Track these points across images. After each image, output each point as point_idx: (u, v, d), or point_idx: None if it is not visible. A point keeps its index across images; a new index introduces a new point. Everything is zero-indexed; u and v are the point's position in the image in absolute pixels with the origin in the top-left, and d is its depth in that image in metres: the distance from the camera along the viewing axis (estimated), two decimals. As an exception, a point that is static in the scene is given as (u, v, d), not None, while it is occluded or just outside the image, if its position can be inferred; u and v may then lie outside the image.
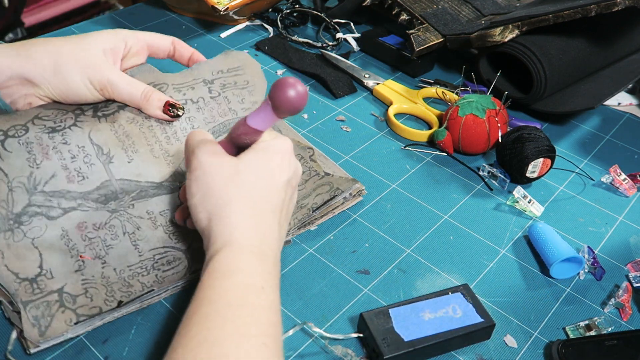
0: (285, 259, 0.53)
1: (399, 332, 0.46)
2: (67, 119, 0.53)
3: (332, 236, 0.57)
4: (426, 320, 0.47)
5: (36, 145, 0.51)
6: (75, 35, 0.54)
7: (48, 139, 0.52)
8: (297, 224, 0.55)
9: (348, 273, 0.54)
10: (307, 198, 0.56)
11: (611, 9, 0.66)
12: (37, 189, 0.50)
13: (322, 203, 0.56)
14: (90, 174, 0.52)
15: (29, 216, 0.48)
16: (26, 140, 0.51)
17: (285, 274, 0.53)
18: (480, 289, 0.53)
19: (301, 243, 0.56)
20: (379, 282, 0.53)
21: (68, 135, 0.53)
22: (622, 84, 0.76)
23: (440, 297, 0.49)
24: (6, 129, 0.51)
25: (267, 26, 0.88)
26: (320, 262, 0.54)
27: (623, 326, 0.51)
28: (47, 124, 0.53)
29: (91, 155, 0.52)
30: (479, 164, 0.67)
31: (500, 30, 0.72)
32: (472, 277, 0.54)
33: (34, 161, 0.51)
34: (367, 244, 0.57)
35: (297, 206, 0.55)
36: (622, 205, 0.64)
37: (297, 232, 0.56)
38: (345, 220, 0.59)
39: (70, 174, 0.51)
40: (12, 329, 0.45)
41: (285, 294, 0.51)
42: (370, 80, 0.78)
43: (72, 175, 0.51)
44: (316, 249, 0.55)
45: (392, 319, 0.47)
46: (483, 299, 0.52)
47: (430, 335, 0.46)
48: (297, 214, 0.55)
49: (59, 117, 0.53)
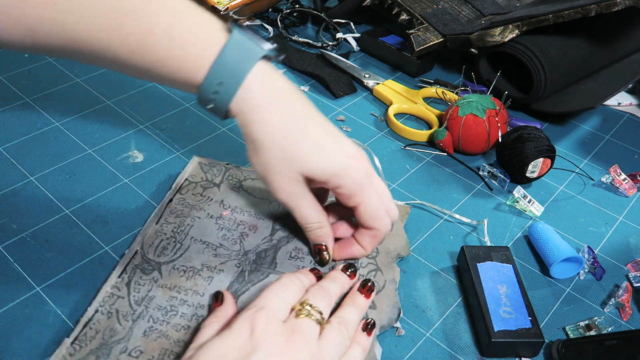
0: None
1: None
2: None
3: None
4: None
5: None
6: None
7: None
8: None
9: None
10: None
11: (611, 9, 0.66)
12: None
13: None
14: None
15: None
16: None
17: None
18: (480, 288, 0.53)
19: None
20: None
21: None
22: (622, 84, 0.76)
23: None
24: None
25: (267, 26, 0.88)
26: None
27: (623, 326, 0.51)
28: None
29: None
30: (479, 164, 0.67)
31: (500, 30, 0.72)
32: (472, 277, 0.54)
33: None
34: (367, 243, 0.56)
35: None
36: (622, 205, 0.64)
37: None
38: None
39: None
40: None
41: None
42: (370, 80, 0.78)
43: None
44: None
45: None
46: (483, 299, 0.52)
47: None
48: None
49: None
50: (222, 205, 0.55)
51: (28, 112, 0.68)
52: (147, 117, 0.69)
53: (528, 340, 0.46)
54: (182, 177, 0.58)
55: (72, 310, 0.47)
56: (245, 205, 0.56)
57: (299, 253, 0.52)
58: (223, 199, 0.56)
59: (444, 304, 0.52)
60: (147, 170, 0.62)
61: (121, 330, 0.45)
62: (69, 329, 0.46)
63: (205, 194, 0.56)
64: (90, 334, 0.44)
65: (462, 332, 0.49)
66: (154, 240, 0.52)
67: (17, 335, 0.45)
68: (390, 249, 0.53)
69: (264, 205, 0.56)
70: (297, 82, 0.78)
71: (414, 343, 0.48)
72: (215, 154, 0.64)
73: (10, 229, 0.54)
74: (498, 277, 0.51)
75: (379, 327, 0.47)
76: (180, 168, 0.62)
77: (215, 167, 0.59)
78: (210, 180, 0.58)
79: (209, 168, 0.59)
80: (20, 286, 0.49)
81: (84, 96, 0.71)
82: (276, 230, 0.54)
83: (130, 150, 0.64)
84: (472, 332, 0.50)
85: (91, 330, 0.44)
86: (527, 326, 0.47)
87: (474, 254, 0.53)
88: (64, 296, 0.48)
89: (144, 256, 0.50)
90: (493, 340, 0.46)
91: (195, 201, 0.55)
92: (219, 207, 0.55)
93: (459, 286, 0.53)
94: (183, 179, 0.58)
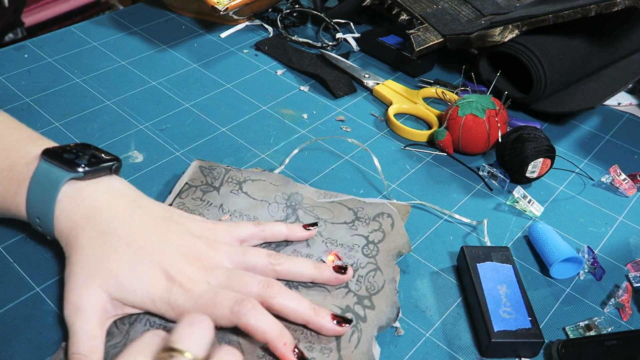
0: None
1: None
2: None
3: (332, 236, 0.57)
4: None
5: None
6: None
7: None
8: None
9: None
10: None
11: (611, 9, 0.66)
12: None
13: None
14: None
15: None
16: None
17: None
18: (480, 289, 0.53)
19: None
20: (378, 282, 0.53)
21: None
22: (622, 84, 0.76)
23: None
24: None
25: (267, 26, 0.88)
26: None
27: (623, 326, 0.51)
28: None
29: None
30: (478, 164, 0.67)
31: (500, 30, 0.72)
32: (472, 277, 0.54)
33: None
34: (367, 244, 0.56)
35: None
36: (622, 205, 0.64)
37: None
38: (345, 220, 0.58)
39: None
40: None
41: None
42: (370, 80, 0.78)
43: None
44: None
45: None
46: (483, 299, 0.52)
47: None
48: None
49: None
50: (221, 210, 0.55)
51: (28, 112, 0.68)
52: (147, 117, 0.69)
53: (528, 341, 0.46)
54: (182, 181, 0.58)
55: (72, 311, 0.47)
56: (245, 209, 0.56)
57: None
58: (222, 203, 0.56)
59: (444, 304, 0.52)
60: (147, 170, 0.62)
61: (118, 333, 0.44)
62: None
63: (204, 199, 0.56)
64: None
65: (461, 333, 0.49)
66: None
67: (16, 336, 0.45)
68: (391, 247, 0.53)
69: (263, 208, 0.56)
70: (297, 82, 0.78)
71: (413, 343, 0.48)
72: (215, 154, 0.65)
73: (10, 229, 0.54)
74: (498, 277, 0.51)
75: (378, 328, 0.47)
76: (180, 168, 0.62)
77: (215, 170, 0.59)
78: (210, 183, 0.58)
79: (209, 171, 0.59)
80: (20, 286, 0.49)
81: (84, 96, 0.71)
82: None
83: (130, 150, 0.64)
84: (472, 332, 0.50)
85: None
86: (527, 326, 0.47)
87: (474, 254, 0.53)
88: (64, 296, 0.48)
89: None
90: (493, 341, 0.46)
91: (194, 206, 0.55)
92: (218, 212, 0.55)
93: (459, 286, 0.53)
94: (183, 182, 0.58)
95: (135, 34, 0.85)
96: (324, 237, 0.54)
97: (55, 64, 0.76)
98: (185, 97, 0.73)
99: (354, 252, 0.53)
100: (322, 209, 0.56)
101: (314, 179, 0.63)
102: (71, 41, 0.82)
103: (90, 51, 0.80)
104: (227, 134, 0.68)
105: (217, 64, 0.80)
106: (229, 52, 0.83)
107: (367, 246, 0.53)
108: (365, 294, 0.49)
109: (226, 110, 0.72)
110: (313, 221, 0.55)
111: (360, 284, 0.50)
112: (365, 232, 0.54)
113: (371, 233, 0.54)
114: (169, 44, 0.83)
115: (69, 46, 0.80)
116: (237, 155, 0.65)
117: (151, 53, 0.81)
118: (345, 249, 0.53)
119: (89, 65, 0.77)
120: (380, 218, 0.55)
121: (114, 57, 0.79)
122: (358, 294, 0.49)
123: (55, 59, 0.77)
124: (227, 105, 0.73)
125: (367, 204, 0.57)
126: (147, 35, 0.85)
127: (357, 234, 0.54)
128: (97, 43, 0.82)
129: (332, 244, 0.53)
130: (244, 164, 0.64)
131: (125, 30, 0.85)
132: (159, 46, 0.83)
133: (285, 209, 0.56)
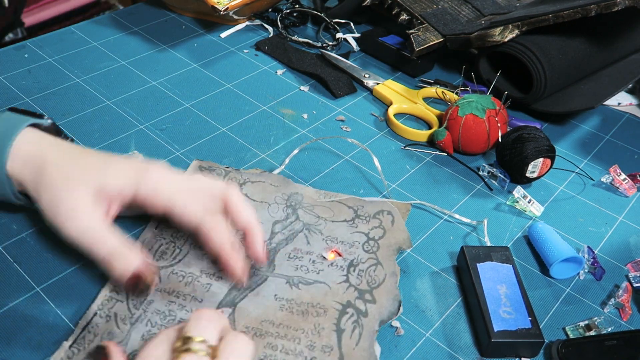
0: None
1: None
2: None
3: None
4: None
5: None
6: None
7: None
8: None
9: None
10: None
11: (611, 9, 0.66)
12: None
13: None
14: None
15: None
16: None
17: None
18: (480, 289, 0.53)
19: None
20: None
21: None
22: (622, 84, 0.76)
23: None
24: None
25: (267, 26, 0.88)
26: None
27: (623, 326, 0.51)
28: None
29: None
30: (478, 164, 0.67)
31: (500, 30, 0.72)
32: (472, 277, 0.54)
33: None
34: (367, 244, 0.56)
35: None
36: (622, 205, 0.64)
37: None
38: (345, 220, 0.58)
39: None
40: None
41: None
42: (370, 80, 0.78)
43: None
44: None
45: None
46: (483, 299, 0.52)
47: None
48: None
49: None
50: None
51: (28, 112, 0.68)
52: (147, 117, 0.69)
53: (528, 341, 0.46)
54: None
55: (72, 311, 0.47)
56: None
57: (297, 253, 0.52)
58: None
59: (444, 304, 0.52)
60: (147, 170, 0.62)
61: (119, 333, 0.44)
62: (69, 329, 0.46)
63: None
64: (89, 338, 0.44)
65: (461, 333, 0.49)
66: (153, 244, 0.52)
67: (16, 336, 0.45)
68: (391, 242, 0.53)
69: (263, 209, 0.56)
70: (297, 82, 0.78)
71: (413, 343, 0.48)
72: (215, 154, 0.65)
73: (10, 229, 0.54)
74: (498, 277, 0.51)
75: (379, 322, 0.47)
76: (180, 168, 0.62)
77: (215, 171, 0.59)
78: None
79: (209, 172, 0.59)
80: (20, 286, 0.49)
81: (84, 96, 0.71)
82: (275, 234, 0.54)
83: (130, 150, 0.64)
84: (471, 332, 0.50)
85: (89, 333, 0.44)
86: (527, 326, 0.47)
87: (474, 254, 0.53)
88: (64, 296, 0.48)
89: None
90: (493, 341, 0.46)
91: None
92: None
93: (459, 286, 0.53)
94: None
95: (135, 34, 0.85)
96: (325, 235, 0.54)
97: (55, 63, 0.76)
98: (185, 97, 0.73)
99: (354, 249, 0.53)
100: (322, 208, 0.56)
101: (314, 179, 0.63)
102: (71, 41, 0.82)
103: (90, 51, 0.80)
104: (227, 133, 0.68)
105: (217, 64, 0.80)
106: (229, 52, 0.83)
107: (367, 243, 0.53)
108: (366, 287, 0.49)
109: (226, 110, 0.72)
110: (313, 220, 0.55)
111: (361, 278, 0.50)
112: (366, 230, 0.54)
113: (371, 230, 0.54)
114: (169, 44, 0.83)
115: (69, 46, 0.80)
116: (237, 155, 0.65)
117: (151, 53, 0.81)
118: (346, 246, 0.53)
119: (89, 65, 0.77)
120: (380, 215, 0.56)
121: (114, 57, 0.79)
122: (359, 288, 0.49)
123: (56, 58, 0.77)
124: (227, 105, 0.73)
125: (367, 202, 0.57)
126: (147, 35, 0.85)
127: (358, 232, 0.54)
128: (97, 43, 0.82)
129: (332, 242, 0.53)
130: (244, 163, 0.64)
131: (126, 30, 0.85)
132: (159, 46, 0.83)
133: (285, 209, 0.56)
